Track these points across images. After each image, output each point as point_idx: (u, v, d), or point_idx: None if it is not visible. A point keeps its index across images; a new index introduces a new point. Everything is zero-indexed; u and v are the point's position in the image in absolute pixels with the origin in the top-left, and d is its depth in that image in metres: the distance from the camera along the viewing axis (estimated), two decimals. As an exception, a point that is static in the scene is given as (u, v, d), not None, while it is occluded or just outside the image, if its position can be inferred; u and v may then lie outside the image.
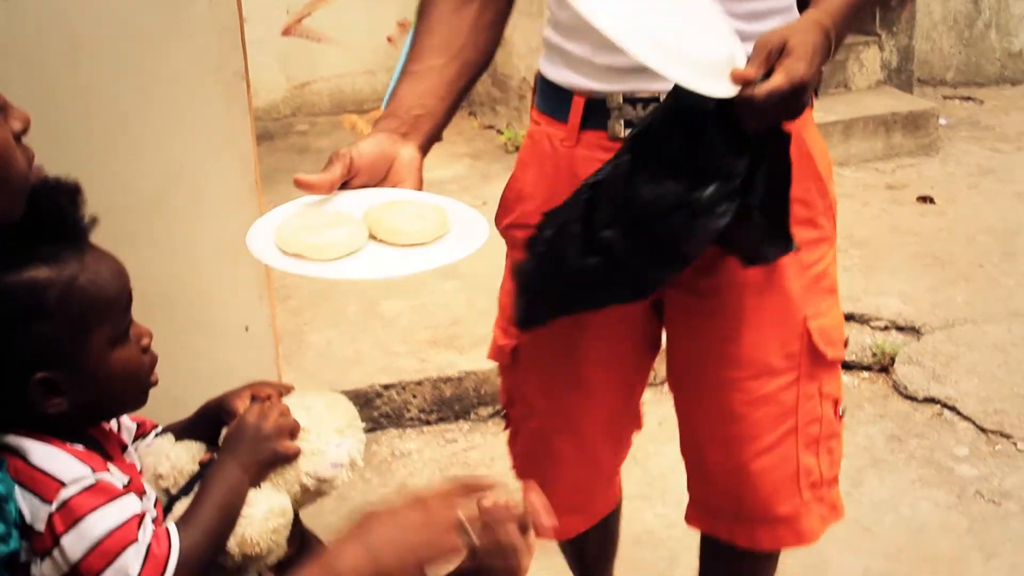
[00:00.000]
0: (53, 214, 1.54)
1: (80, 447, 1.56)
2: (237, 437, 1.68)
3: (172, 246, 2.63)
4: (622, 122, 1.89)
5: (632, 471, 3.20)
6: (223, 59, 2.61)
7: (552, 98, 1.97)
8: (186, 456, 1.74)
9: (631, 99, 1.88)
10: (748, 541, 2.13)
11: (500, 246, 4.45)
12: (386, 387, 3.55)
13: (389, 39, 6.26)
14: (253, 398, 1.73)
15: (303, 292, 4.15)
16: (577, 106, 1.92)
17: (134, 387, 1.64)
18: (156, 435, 1.78)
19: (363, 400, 3.51)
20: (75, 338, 1.54)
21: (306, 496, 1.72)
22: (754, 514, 2.08)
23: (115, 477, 1.57)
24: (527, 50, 5.61)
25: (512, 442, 2.24)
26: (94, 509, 1.50)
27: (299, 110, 6.24)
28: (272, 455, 1.67)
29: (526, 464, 2.19)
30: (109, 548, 1.49)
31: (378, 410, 3.53)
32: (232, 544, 1.65)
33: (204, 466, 1.71)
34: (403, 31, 6.16)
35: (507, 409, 2.21)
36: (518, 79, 5.72)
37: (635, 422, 2.24)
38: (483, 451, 3.48)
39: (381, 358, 3.68)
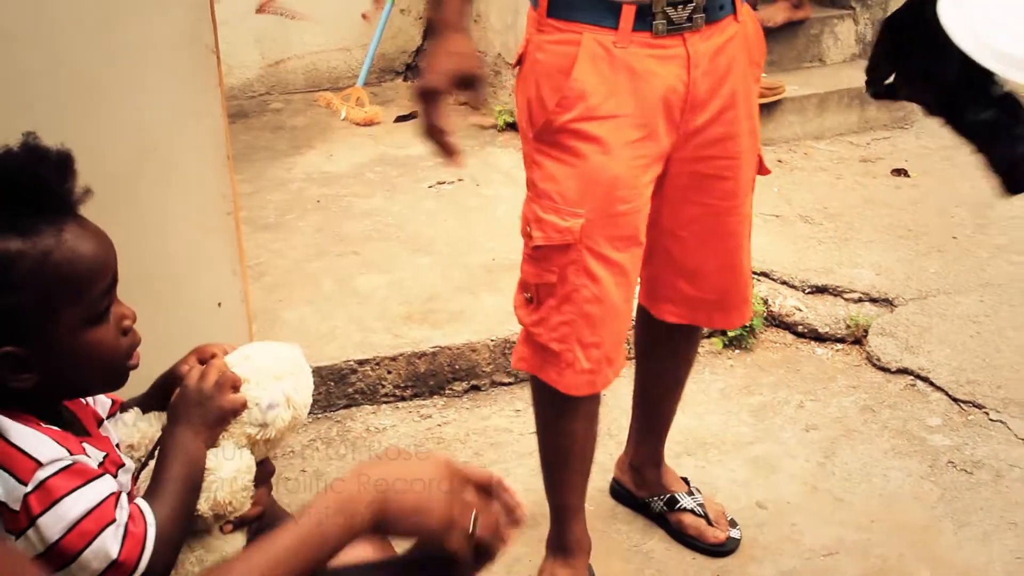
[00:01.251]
0: (32, 185, 1.51)
1: (56, 428, 1.55)
2: (183, 403, 1.68)
3: (143, 220, 2.62)
4: (665, 22, 2.34)
5: (607, 444, 3.22)
6: (194, 32, 2.60)
7: (593, 8, 2.34)
8: (156, 425, 1.74)
9: (672, 2, 2.34)
10: (724, 323, 2.84)
11: (473, 221, 4.45)
12: (360, 363, 3.54)
13: (364, 16, 6.23)
14: (200, 361, 1.73)
15: (278, 269, 4.15)
16: (628, 12, 2.33)
17: (108, 368, 1.61)
18: (121, 410, 1.77)
19: (338, 376, 3.51)
20: (44, 315, 1.52)
21: (256, 447, 1.71)
22: (736, 301, 2.73)
23: (91, 458, 1.57)
24: (503, 27, 5.61)
25: (547, 318, 2.48)
26: (71, 491, 1.49)
27: (274, 88, 6.21)
28: (219, 412, 1.66)
29: (572, 331, 2.46)
30: (87, 529, 1.49)
31: (353, 386, 3.53)
32: (204, 508, 1.65)
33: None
34: (378, 7, 6.14)
35: (552, 287, 2.45)
36: (493, 55, 5.71)
37: None
38: (457, 426, 3.49)
39: (356, 334, 3.68)
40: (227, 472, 1.66)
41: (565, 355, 2.47)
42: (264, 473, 1.76)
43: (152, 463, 1.68)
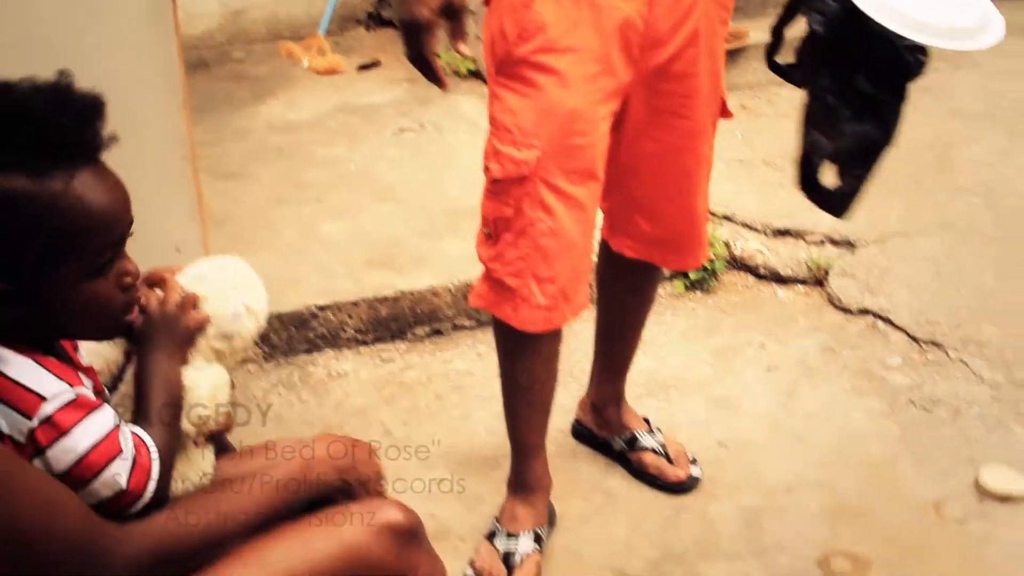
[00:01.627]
0: (51, 129, 1.50)
1: (54, 360, 1.55)
2: (150, 329, 1.69)
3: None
4: None
5: (569, 385, 3.23)
6: (149, -24, 2.59)
7: None
8: (115, 350, 1.76)
9: None
10: (678, 264, 2.97)
11: (436, 168, 4.43)
12: (322, 308, 3.53)
13: (325, -36, 6.20)
14: (148, 285, 1.74)
15: (240, 217, 4.12)
16: None
17: (99, 321, 1.61)
18: None
19: (299, 321, 3.51)
20: (40, 259, 1.51)
21: (224, 360, 1.75)
22: (689, 243, 2.76)
23: (88, 388, 1.58)
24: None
25: (503, 253, 2.47)
26: (77, 423, 1.51)
27: (235, 38, 6.16)
28: (186, 332, 1.70)
29: (527, 266, 2.46)
30: (95, 461, 1.51)
31: (314, 331, 3.53)
32: (188, 426, 1.69)
33: (129, 355, 1.73)
34: (339, -44, 6.10)
35: (508, 221, 2.45)
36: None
37: None
38: (420, 370, 3.49)
39: (317, 280, 3.67)
40: (206, 390, 1.71)
41: (520, 290, 2.47)
42: None
43: (123, 388, 1.70)
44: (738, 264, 4.01)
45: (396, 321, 3.60)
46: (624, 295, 2.93)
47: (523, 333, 2.53)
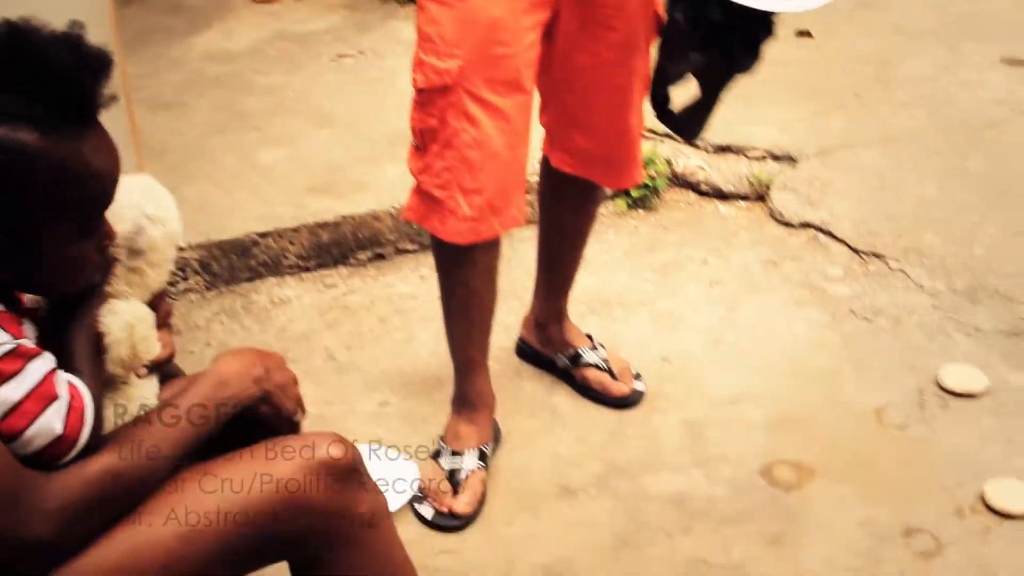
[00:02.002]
0: (72, 87, 1.46)
1: (2, 307, 1.53)
2: None
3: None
4: None
5: (512, 304, 3.23)
6: None
7: None
8: None
9: None
10: (613, 183, 2.94)
11: (375, 93, 4.38)
12: (263, 235, 3.50)
13: None
14: None
15: (178, 148, 4.07)
16: None
17: (73, 281, 1.60)
18: None
19: (240, 249, 3.48)
20: (39, 218, 1.49)
21: (149, 279, 1.72)
22: (623, 161, 2.78)
23: (30, 334, 1.57)
24: None
25: (431, 164, 2.50)
26: (15, 373, 1.48)
27: (171, -32, 6.06)
28: None
29: (453, 177, 2.47)
30: (30, 409, 1.49)
31: (255, 258, 3.50)
32: (113, 368, 1.66)
33: None
34: None
35: (434, 131, 2.46)
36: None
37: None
38: (363, 295, 3.48)
39: (258, 207, 3.64)
40: (119, 330, 1.67)
41: (447, 202, 2.48)
42: (162, 315, 1.78)
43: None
44: (680, 181, 4.00)
45: (338, 246, 3.58)
46: (565, 212, 2.93)
47: (456, 246, 2.53)
